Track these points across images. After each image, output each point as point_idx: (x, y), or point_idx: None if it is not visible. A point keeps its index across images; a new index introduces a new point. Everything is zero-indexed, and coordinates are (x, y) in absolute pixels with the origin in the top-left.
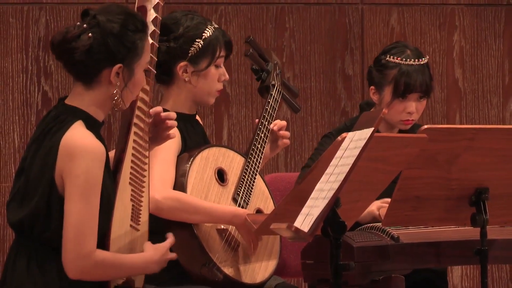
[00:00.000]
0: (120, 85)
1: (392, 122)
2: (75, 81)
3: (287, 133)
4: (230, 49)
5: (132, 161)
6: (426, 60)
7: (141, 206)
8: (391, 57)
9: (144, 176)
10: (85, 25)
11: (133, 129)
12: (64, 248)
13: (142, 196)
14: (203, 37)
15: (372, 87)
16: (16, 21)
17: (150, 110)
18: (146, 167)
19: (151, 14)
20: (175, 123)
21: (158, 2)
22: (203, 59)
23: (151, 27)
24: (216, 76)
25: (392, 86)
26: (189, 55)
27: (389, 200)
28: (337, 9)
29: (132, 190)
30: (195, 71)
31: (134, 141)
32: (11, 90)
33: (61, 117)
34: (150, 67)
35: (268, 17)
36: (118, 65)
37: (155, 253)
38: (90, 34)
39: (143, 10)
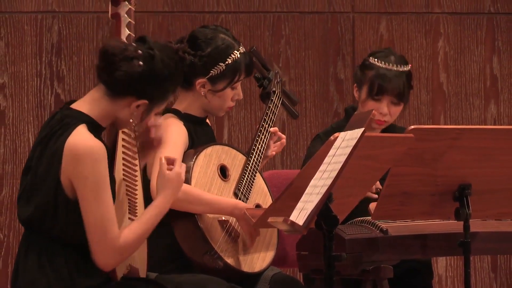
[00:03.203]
0: (136, 117)
1: None
2: (99, 84)
3: (278, 146)
4: (250, 73)
5: (123, 158)
6: (406, 68)
7: (136, 199)
8: (374, 59)
9: (136, 171)
10: (140, 51)
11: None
12: (91, 245)
13: (136, 190)
14: (226, 62)
15: (355, 84)
16: (31, 29)
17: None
18: (136, 162)
19: (125, 19)
20: (161, 132)
21: (130, 8)
22: (222, 81)
23: (126, 32)
24: (230, 96)
25: (368, 85)
26: (210, 74)
27: (371, 194)
28: (330, 17)
29: (126, 185)
30: (211, 90)
31: (123, 139)
32: (26, 93)
33: (66, 120)
34: None
35: (265, 25)
36: (145, 101)
37: (165, 192)
38: (141, 62)
39: (117, 16)
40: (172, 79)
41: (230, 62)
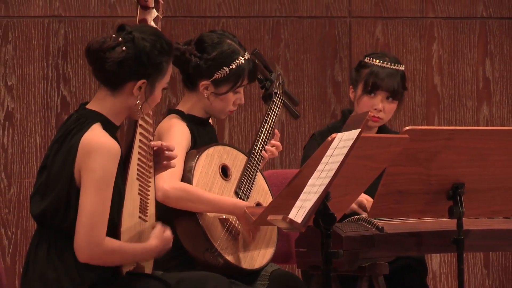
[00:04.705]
0: (141, 98)
1: None
2: (100, 86)
3: (273, 151)
4: (253, 79)
5: (139, 158)
6: (401, 68)
7: (148, 199)
8: (370, 59)
9: (150, 172)
10: (120, 39)
11: (139, 129)
12: (77, 234)
13: (148, 190)
14: (231, 67)
15: (351, 86)
16: (38, 33)
17: (152, 143)
18: (151, 163)
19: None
20: (175, 154)
21: (157, 15)
22: (225, 85)
23: None
24: (232, 100)
25: (363, 82)
26: (214, 77)
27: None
28: (327, 22)
29: (139, 184)
30: (214, 92)
31: (140, 140)
32: (33, 95)
33: (82, 119)
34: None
35: (265, 29)
36: (143, 80)
37: (158, 242)
38: (124, 47)
39: (144, 22)
40: (159, 51)
41: (234, 67)
